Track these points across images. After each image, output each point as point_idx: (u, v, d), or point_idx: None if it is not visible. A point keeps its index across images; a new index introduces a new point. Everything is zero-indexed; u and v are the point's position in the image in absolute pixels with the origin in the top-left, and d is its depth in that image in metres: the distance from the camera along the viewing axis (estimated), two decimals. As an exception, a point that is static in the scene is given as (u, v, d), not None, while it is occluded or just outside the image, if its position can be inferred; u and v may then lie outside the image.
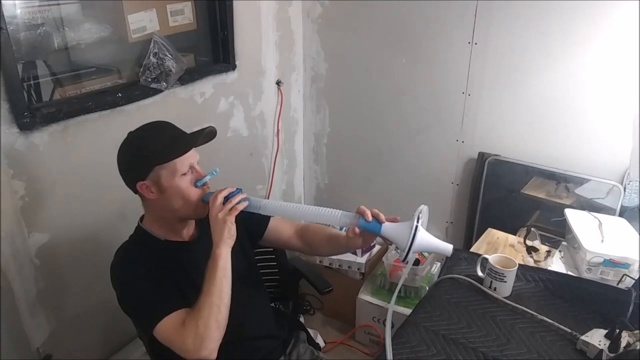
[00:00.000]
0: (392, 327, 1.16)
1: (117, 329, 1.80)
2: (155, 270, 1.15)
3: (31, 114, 1.43)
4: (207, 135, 1.18)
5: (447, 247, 1.07)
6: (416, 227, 1.04)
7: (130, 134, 1.19)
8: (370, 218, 1.10)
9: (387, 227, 1.09)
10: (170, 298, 1.12)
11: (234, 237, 1.12)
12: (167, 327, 1.08)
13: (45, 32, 1.49)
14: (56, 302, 1.62)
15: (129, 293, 1.15)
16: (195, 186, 1.16)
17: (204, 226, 1.27)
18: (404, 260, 1.06)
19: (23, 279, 1.52)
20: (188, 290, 1.17)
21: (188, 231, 1.27)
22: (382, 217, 1.11)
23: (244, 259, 1.35)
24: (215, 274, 1.08)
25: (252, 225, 1.36)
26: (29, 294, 1.55)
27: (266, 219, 1.39)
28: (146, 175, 1.13)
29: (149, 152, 1.13)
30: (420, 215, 1.06)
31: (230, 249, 1.12)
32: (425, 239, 1.06)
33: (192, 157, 1.17)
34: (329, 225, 1.25)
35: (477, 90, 2.04)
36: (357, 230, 1.13)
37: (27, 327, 1.56)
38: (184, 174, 1.14)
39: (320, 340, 1.96)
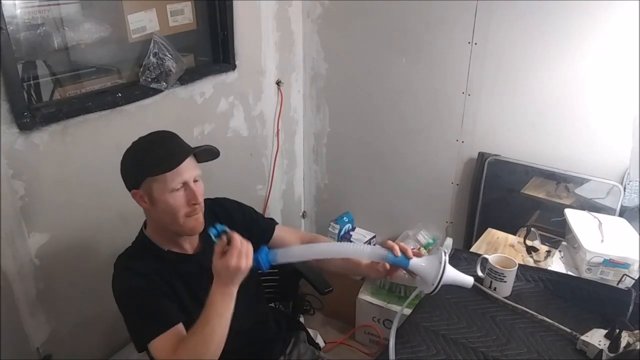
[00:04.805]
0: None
1: (117, 329, 1.80)
2: (155, 282, 1.13)
3: (31, 114, 1.43)
4: (205, 152, 1.16)
5: (469, 280, 1.12)
6: (445, 262, 1.08)
7: (136, 140, 1.18)
8: (399, 253, 1.12)
9: (415, 262, 1.12)
10: (166, 314, 1.10)
11: None
12: (159, 348, 1.06)
13: (45, 32, 1.49)
14: (56, 302, 1.62)
15: (126, 306, 1.13)
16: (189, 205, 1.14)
17: (209, 237, 1.27)
18: (431, 294, 1.10)
19: (23, 279, 1.52)
20: (188, 302, 1.16)
21: (192, 244, 1.25)
22: (410, 252, 1.13)
23: None
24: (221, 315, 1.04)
25: (255, 234, 1.33)
26: (29, 294, 1.54)
27: (271, 228, 1.38)
28: (139, 184, 1.12)
29: (142, 163, 1.12)
30: (445, 250, 1.10)
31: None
32: (452, 273, 1.10)
33: (186, 173, 1.11)
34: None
35: (477, 90, 2.04)
36: (387, 265, 1.16)
37: (27, 327, 1.56)
38: (176, 190, 1.11)
39: (320, 340, 1.96)
